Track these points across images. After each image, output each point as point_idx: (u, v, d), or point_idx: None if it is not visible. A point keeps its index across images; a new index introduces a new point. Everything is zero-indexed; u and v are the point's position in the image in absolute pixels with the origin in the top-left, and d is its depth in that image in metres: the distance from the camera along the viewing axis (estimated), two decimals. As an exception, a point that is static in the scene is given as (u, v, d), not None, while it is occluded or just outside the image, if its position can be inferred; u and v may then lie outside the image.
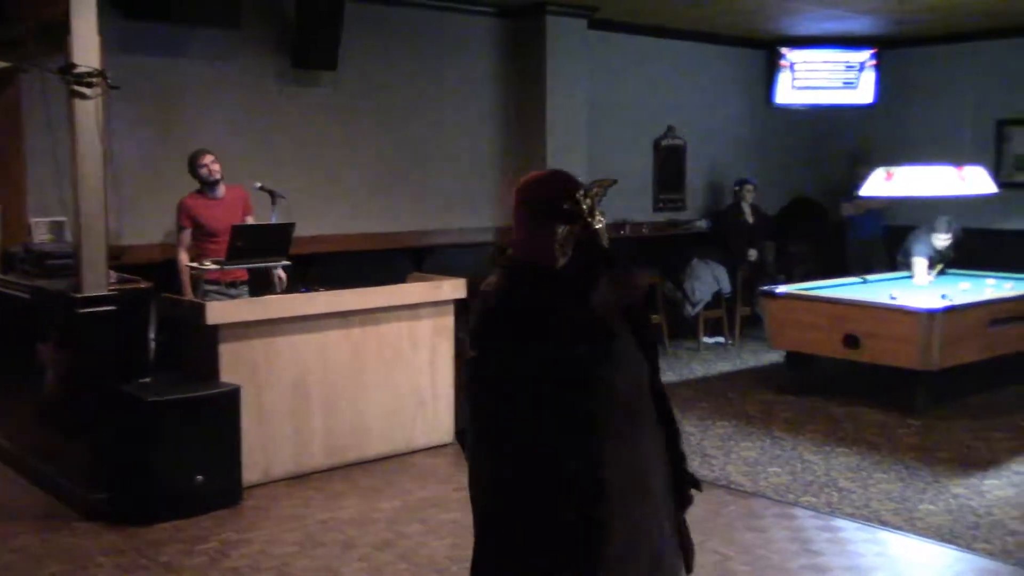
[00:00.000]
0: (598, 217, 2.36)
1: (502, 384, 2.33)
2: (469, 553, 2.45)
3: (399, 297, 6.26)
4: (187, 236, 6.23)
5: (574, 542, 2.26)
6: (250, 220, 6.36)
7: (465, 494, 2.47)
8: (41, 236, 6.27)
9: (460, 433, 2.67)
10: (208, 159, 6.21)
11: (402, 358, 6.23)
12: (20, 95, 5.97)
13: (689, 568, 2.54)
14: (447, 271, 7.00)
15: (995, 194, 7.76)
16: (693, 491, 2.58)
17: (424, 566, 4.54)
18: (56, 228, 6.25)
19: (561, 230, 2.34)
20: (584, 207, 2.36)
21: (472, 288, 6.74)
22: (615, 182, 2.50)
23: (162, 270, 6.25)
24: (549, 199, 2.37)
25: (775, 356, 8.41)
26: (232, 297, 6.21)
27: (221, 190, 6.29)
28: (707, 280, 9.54)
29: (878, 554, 4.63)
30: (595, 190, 2.38)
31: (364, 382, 6.05)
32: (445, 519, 5.10)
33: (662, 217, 10.12)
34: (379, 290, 6.18)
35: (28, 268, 5.75)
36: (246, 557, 4.64)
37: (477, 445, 2.41)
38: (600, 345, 2.32)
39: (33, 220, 6.23)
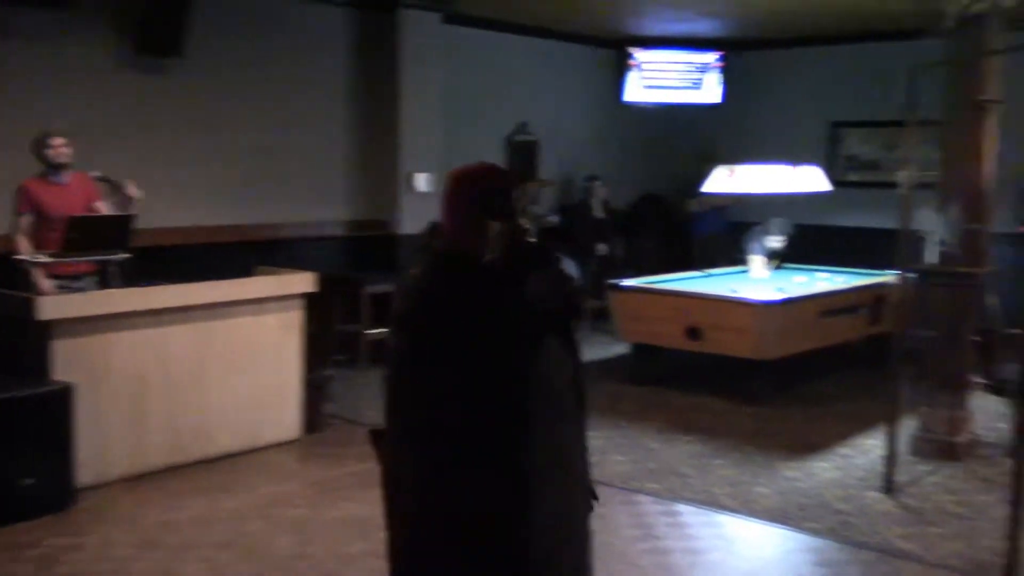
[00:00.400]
0: (530, 215, 2.43)
1: (429, 376, 2.30)
2: (313, 550, 2.42)
3: (245, 291, 6.11)
4: (26, 222, 5.87)
5: (502, 536, 2.29)
6: (101, 208, 6.05)
7: (312, 490, 2.44)
8: None
9: (372, 433, 2.61)
10: (58, 141, 5.87)
11: (248, 353, 6.10)
12: None
13: None
14: (297, 265, 6.89)
15: (829, 192, 8.17)
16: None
17: (268, 564, 4.46)
18: None
19: (495, 226, 2.35)
20: (519, 205, 2.40)
21: (323, 282, 6.68)
22: (552, 183, 2.51)
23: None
24: (491, 193, 2.39)
25: (622, 348, 8.61)
26: (75, 291, 5.91)
27: (67, 176, 5.98)
28: (558, 274, 9.67)
29: (715, 536, 4.82)
30: (530, 188, 2.39)
31: (208, 378, 5.90)
32: (291, 515, 5.02)
33: (515, 212, 10.20)
34: (224, 284, 6.02)
35: None
36: (78, 563, 4.45)
37: (399, 441, 2.39)
38: (536, 340, 2.33)
39: None
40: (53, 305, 5.25)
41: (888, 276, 8.08)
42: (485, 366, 2.28)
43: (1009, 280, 6.23)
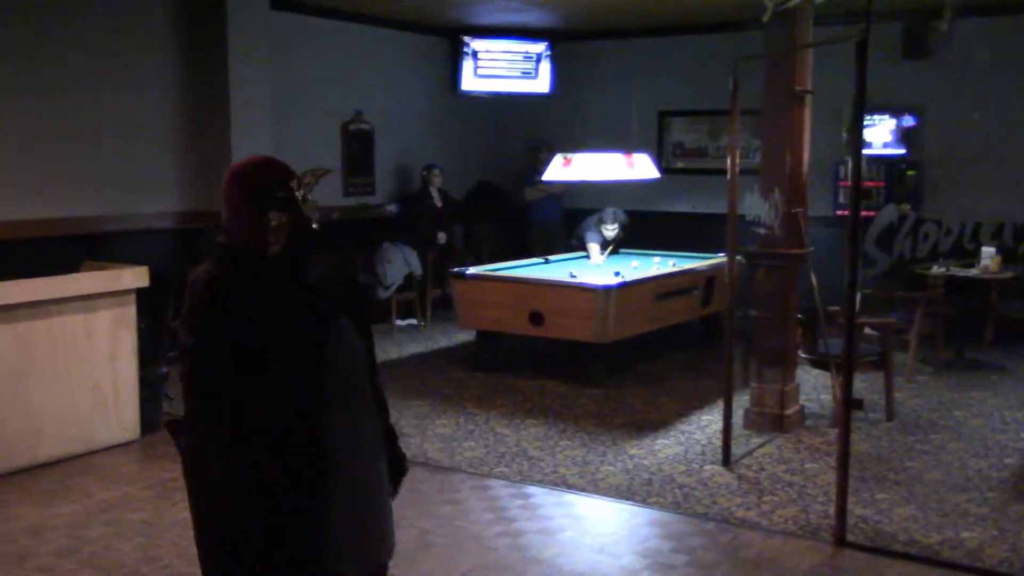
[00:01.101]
0: (310, 204, 2.46)
1: (221, 368, 2.37)
2: (159, 552, 2.35)
3: (73, 288, 5.81)
4: None
5: (298, 519, 2.37)
6: None
7: (153, 491, 2.38)
8: None
9: (169, 424, 2.62)
10: None
11: (78, 353, 5.81)
12: None
13: None
14: (124, 259, 6.59)
15: (658, 179, 8.46)
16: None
17: (112, 570, 4.27)
18: None
19: (275, 217, 2.40)
20: (298, 195, 2.44)
21: (156, 276, 6.42)
22: (329, 171, 2.59)
23: None
24: (265, 187, 2.43)
25: (466, 336, 8.67)
26: None
27: None
28: (398, 263, 9.66)
29: (565, 515, 4.93)
30: (308, 179, 2.48)
31: (33, 380, 5.58)
32: (133, 519, 4.82)
33: (352, 201, 10.10)
34: (49, 281, 5.70)
35: None
36: (-102, 581, 4.15)
37: (198, 433, 2.44)
38: (322, 322, 2.41)
39: None
40: None
41: (717, 259, 8.47)
42: (276, 350, 2.36)
43: (828, 260, 6.62)
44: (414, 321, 10.05)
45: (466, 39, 10.96)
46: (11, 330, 5.49)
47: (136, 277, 6.12)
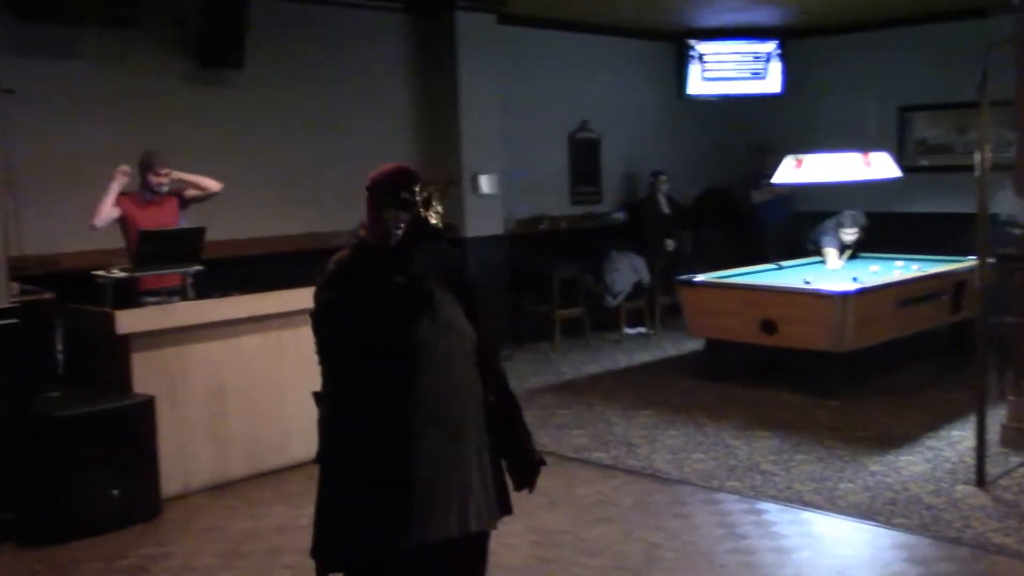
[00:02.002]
0: (435, 207, 2.90)
1: (329, 336, 2.89)
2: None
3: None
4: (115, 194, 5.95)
5: (389, 479, 2.79)
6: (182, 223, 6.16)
7: None
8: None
9: (315, 394, 3.11)
10: (163, 171, 5.98)
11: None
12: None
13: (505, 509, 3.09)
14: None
15: (899, 178, 7.98)
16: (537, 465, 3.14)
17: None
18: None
19: (394, 215, 2.85)
20: (418, 198, 2.86)
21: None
22: (456, 182, 3.06)
23: (69, 280, 6.00)
24: (388, 189, 2.89)
25: (696, 344, 8.51)
26: (158, 304, 5.96)
27: (160, 196, 6.09)
28: (626, 271, 9.62)
29: (802, 534, 4.71)
30: (431, 186, 2.92)
31: (285, 386, 5.92)
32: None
33: (579, 210, 10.16)
34: (296, 293, 6.04)
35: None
36: (167, 571, 4.51)
37: (325, 396, 2.99)
38: (417, 304, 2.81)
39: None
40: (130, 319, 5.33)
41: (967, 262, 7.87)
42: (376, 326, 2.80)
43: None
44: (643, 329, 9.98)
45: (692, 42, 10.80)
46: (265, 340, 5.87)
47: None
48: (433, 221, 2.89)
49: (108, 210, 5.89)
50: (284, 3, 7.72)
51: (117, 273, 5.67)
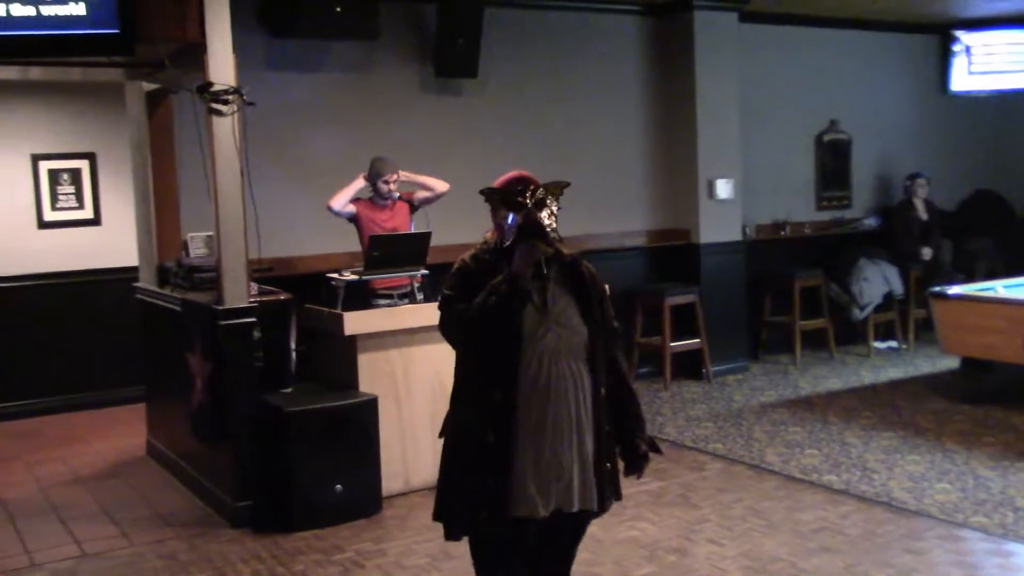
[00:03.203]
0: (549, 207, 3.13)
1: (449, 322, 3.25)
2: (599, 571, 2.31)
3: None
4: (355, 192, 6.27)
5: (490, 457, 3.10)
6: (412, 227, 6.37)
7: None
8: (197, 250, 6.49)
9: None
10: (392, 178, 6.24)
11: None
12: (172, 114, 6.22)
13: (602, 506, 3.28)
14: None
15: None
16: (652, 454, 3.36)
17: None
18: (211, 242, 6.44)
19: (504, 216, 3.15)
20: (528, 201, 3.11)
21: (625, 294, 6.46)
22: (568, 184, 3.26)
23: (309, 282, 6.32)
24: (503, 193, 3.20)
25: (952, 362, 7.81)
26: (389, 306, 6.18)
27: (391, 201, 6.34)
28: (876, 281, 8.99)
29: (1056, 583, 4.17)
30: (540, 190, 3.15)
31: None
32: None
33: (826, 216, 9.61)
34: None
35: (180, 282, 5.97)
36: (379, 568, 4.62)
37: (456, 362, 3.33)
38: (513, 297, 3.06)
39: (189, 235, 6.46)
40: (357, 320, 5.53)
41: None
42: (483, 319, 3.09)
43: None
44: (894, 344, 9.30)
45: (957, 34, 9.93)
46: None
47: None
48: (546, 221, 3.08)
49: (345, 199, 6.19)
50: (518, 10, 7.79)
51: (348, 276, 5.90)
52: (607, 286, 3.39)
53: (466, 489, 3.16)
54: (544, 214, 3.10)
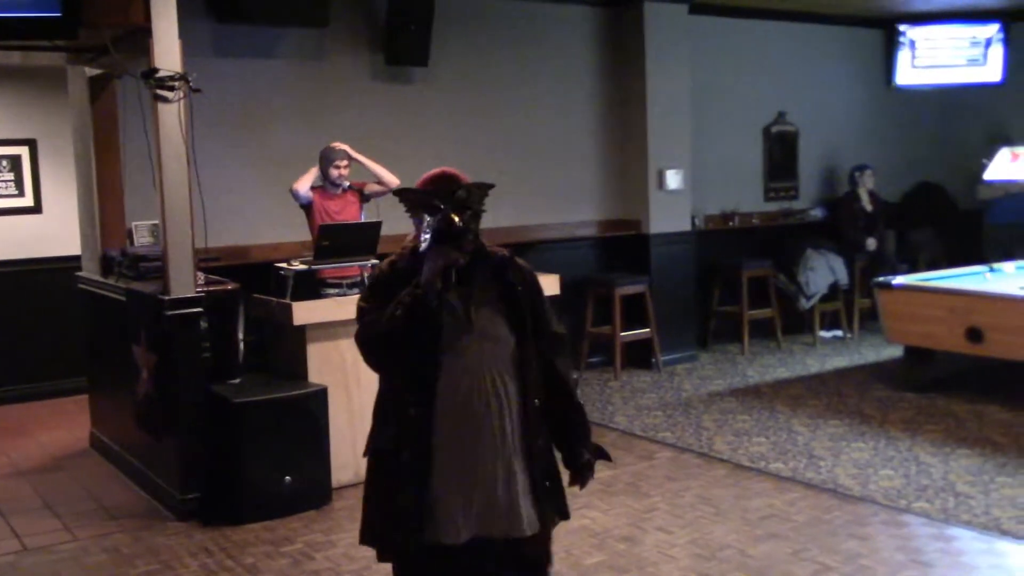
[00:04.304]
0: (468, 212, 2.84)
1: (360, 336, 2.95)
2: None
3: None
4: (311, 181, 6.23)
5: (407, 478, 2.84)
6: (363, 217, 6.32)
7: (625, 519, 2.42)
8: (142, 239, 6.39)
9: None
10: (342, 163, 6.19)
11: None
12: (116, 100, 6.09)
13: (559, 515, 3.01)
14: (548, 267, 6.81)
15: None
16: (601, 461, 3.09)
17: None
18: (156, 231, 6.34)
19: (426, 219, 2.83)
20: (445, 204, 2.81)
21: (575, 284, 6.49)
22: (492, 186, 2.99)
23: (259, 271, 6.24)
24: (418, 194, 2.92)
25: (895, 351, 7.95)
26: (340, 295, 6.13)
27: (342, 188, 6.28)
28: (823, 271, 9.12)
29: (994, 566, 4.26)
30: (461, 190, 2.87)
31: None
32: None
33: (774, 207, 9.72)
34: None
35: (124, 271, 5.86)
36: (328, 560, 4.59)
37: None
38: (418, 308, 2.76)
39: (133, 223, 6.35)
40: (306, 310, 5.47)
41: None
42: (391, 330, 2.81)
43: None
44: (839, 333, 9.44)
45: (902, 28, 10.08)
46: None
47: (547, 284, 6.29)
48: (463, 225, 2.79)
49: (307, 184, 6.16)
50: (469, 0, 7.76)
51: (298, 266, 5.84)
52: (557, 276, 3.21)
53: (386, 512, 2.90)
54: (464, 217, 2.81)
